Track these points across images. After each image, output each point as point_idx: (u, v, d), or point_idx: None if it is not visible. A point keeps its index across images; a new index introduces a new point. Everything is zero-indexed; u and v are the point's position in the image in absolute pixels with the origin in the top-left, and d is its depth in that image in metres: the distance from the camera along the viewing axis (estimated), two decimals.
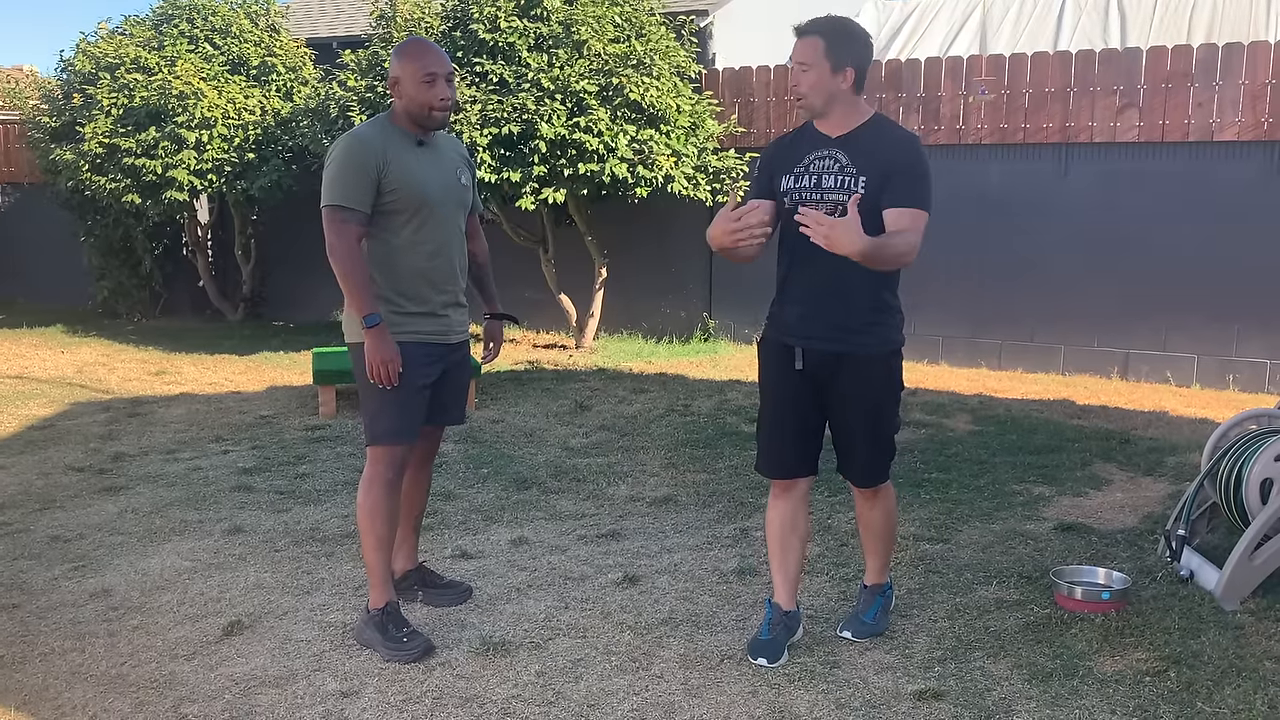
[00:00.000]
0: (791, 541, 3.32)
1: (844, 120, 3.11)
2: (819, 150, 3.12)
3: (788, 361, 3.20)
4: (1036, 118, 7.75)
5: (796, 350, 3.18)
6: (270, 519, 4.60)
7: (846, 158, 3.07)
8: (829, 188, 3.07)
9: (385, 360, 3.24)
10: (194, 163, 8.97)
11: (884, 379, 3.20)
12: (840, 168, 3.07)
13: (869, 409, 3.20)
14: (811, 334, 3.15)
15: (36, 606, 3.72)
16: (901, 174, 3.02)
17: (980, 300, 8.02)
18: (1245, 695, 2.99)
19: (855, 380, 3.15)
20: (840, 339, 3.12)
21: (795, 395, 3.22)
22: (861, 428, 3.22)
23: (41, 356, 8.83)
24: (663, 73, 7.83)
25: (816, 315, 3.14)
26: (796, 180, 3.13)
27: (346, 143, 3.29)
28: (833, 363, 3.15)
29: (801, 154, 3.15)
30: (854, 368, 3.14)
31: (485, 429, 6.15)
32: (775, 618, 3.30)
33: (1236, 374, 7.30)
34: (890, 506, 3.40)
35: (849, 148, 3.08)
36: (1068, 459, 5.43)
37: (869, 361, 3.15)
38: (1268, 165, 7.10)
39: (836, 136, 3.11)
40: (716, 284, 9.08)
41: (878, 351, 3.16)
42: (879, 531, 3.41)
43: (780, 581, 3.34)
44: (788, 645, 3.29)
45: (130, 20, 10.30)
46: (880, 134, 3.11)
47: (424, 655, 3.28)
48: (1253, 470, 3.71)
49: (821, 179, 3.09)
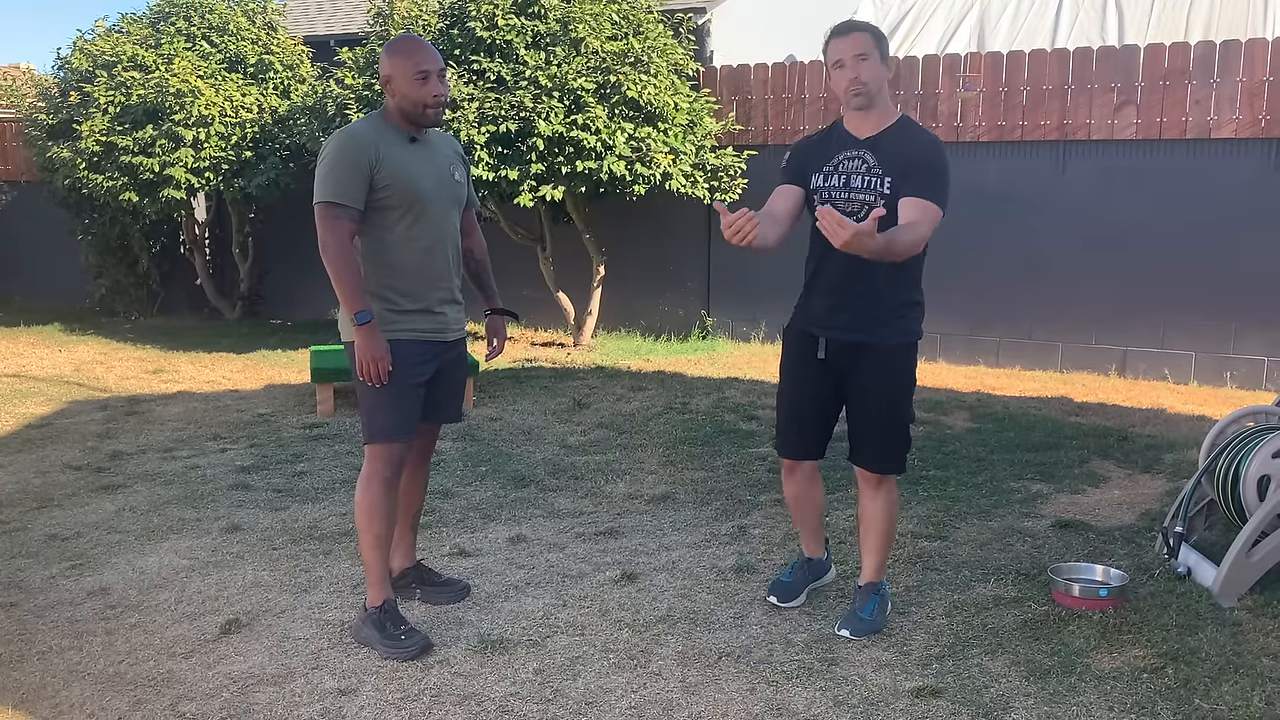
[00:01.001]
0: (806, 506, 3.61)
1: (878, 120, 3.23)
2: (848, 150, 3.25)
3: (811, 350, 3.34)
4: (1034, 115, 7.75)
5: (821, 340, 3.32)
6: (268, 517, 4.60)
7: (874, 158, 3.19)
8: (857, 188, 3.20)
9: (375, 358, 3.23)
10: (191, 161, 8.96)
11: (902, 369, 3.33)
12: (868, 168, 3.19)
13: (887, 397, 3.32)
14: (836, 325, 3.29)
15: (34, 605, 3.71)
16: (920, 169, 3.13)
17: (978, 298, 8.02)
18: (1242, 691, 2.99)
19: (875, 370, 3.28)
20: (864, 329, 3.26)
21: (816, 384, 3.38)
22: (879, 415, 3.34)
23: (39, 355, 8.82)
24: (660, 70, 7.83)
25: (843, 307, 3.28)
26: (826, 179, 3.26)
27: (339, 139, 3.28)
28: (854, 352, 3.28)
29: (832, 153, 3.28)
30: (875, 358, 3.27)
31: (483, 427, 6.15)
32: (799, 563, 3.69)
33: (1234, 371, 7.30)
34: (893, 502, 3.46)
35: (877, 149, 3.20)
36: (1065, 456, 5.43)
37: (889, 352, 3.28)
38: (1265, 162, 7.10)
39: (865, 138, 3.23)
40: (714, 282, 9.08)
41: (898, 342, 3.29)
42: (879, 526, 3.44)
43: (804, 535, 3.69)
44: (807, 589, 3.65)
45: (127, 18, 10.28)
46: (906, 136, 3.22)
47: (422, 653, 3.28)
48: (1250, 467, 3.72)
49: (850, 179, 3.22)
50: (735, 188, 8.32)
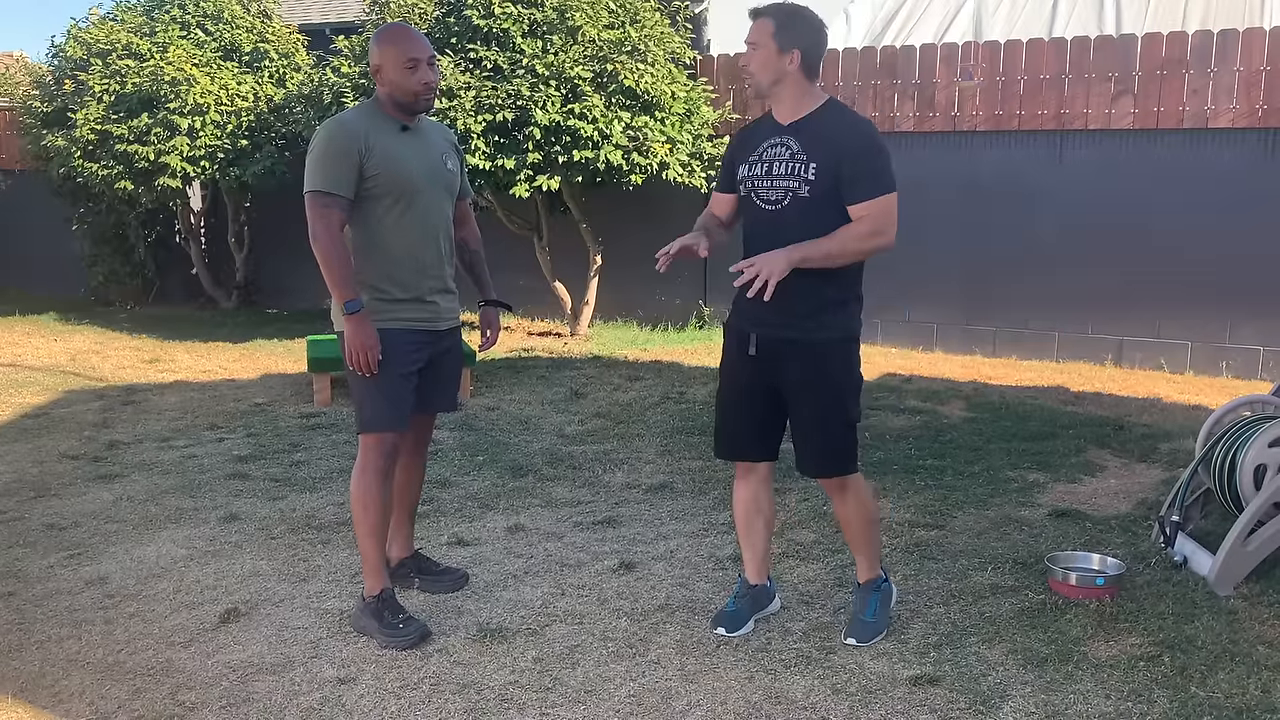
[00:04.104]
0: (756, 522, 3.43)
1: (795, 106, 3.13)
2: (771, 138, 3.16)
3: (743, 346, 3.23)
4: (1031, 104, 7.74)
5: (751, 336, 3.21)
6: (266, 506, 4.60)
7: (797, 144, 3.09)
8: (779, 175, 3.10)
9: (365, 347, 3.22)
10: (187, 149, 8.93)
11: (835, 367, 3.18)
12: (791, 154, 3.10)
13: (818, 397, 3.18)
14: (763, 320, 3.16)
15: (32, 594, 3.71)
16: (852, 162, 3.04)
17: (974, 287, 8.02)
18: (1239, 679, 3.00)
19: (805, 368, 3.15)
20: (790, 325, 3.13)
21: (749, 380, 3.26)
22: (813, 415, 3.20)
23: (34, 344, 8.80)
24: (657, 59, 7.81)
25: (769, 302, 3.10)
26: (750, 169, 3.18)
27: (329, 128, 3.28)
28: (784, 349, 3.16)
29: (757, 142, 3.19)
30: (804, 355, 3.14)
31: (480, 416, 6.15)
32: (742, 590, 3.45)
33: (1230, 360, 7.32)
34: (863, 500, 3.32)
35: (800, 135, 3.10)
36: (1062, 445, 5.44)
37: (819, 349, 3.14)
38: (1262, 152, 7.10)
39: (788, 124, 3.14)
40: (711, 272, 9.07)
41: (827, 339, 3.15)
42: (855, 527, 3.34)
43: (748, 558, 3.47)
44: (754, 618, 3.40)
45: (121, 6, 10.25)
46: (831, 119, 3.11)
47: (420, 642, 3.28)
48: (1246, 456, 3.73)
49: (772, 166, 3.12)
50: None
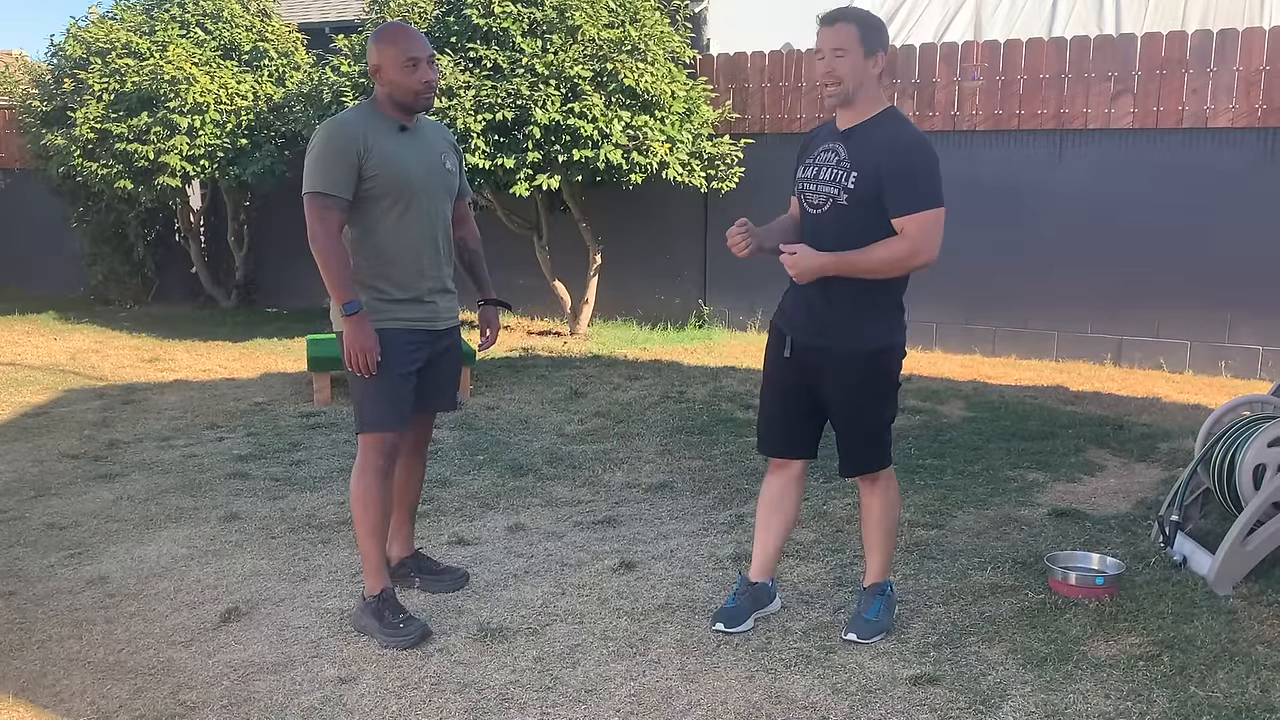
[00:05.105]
0: (775, 520, 3.43)
1: (859, 112, 3.14)
2: (826, 143, 3.20)
3: (781, 347, 3.30)
4: (1031, 104, 7.75)
5: (787, 338, 3.27)
6: (266, 506, 4.60)
7: (845, 151, 3.13)
8: (824, 180, 3.15)
9: (364, 348, 3.23)
10: (186, 148, 8.93)
11: (867, 376, 3.20)
12: (837, 161, 3.13)
13: (850, 402, 3.23)
14: (797, 324, 3.25)
15: (33, 594, 3.72)
16: (893, 178, 3.04)
17: (974, 287, 8.02)
18: (1238, 679, 3.01)
19: (837, 374, 3.20)
20: (821, 333, 3.19)
21: (786, 381, 3.32)
22: (843, 419, 3.27)
23: (34, 343, 8.80)
24: (657, 58, 7.81)
25: (799, 307, 3.24)
26: (804, 171, 3.24)
27: (327, 129, 3.28)
28: (816, 355, 3.22)
29: (816, 146, 3.25)
30: (836, 363, 3.18)
31: (480, 415, 6.15)
32: (742, 587, 3.44)
33: (1229, 360, 7.32)
34: (891, 498, 3.38)
35: (849, 142, 3.14)
36: (1061, 445, 5.45)
37: (850, 358, 3.17)
38: (1261, 152, 7.11)
39: (843, 130, 3.17)
40: (711, 271, 9.08)
41: (859, 349, 3.16)
42: (878, 522, 3.38)
43: (756, 552, 3.48)
44: (753, 615, 3.40)
45: (121, 5, 10.24)
46: (881, 129, 3.11)
47: (421, 641, 3.29)
48: (1245, 456, 3.73)
49: (820, 171, 3.17)
50: (732, 176, 8.31)
